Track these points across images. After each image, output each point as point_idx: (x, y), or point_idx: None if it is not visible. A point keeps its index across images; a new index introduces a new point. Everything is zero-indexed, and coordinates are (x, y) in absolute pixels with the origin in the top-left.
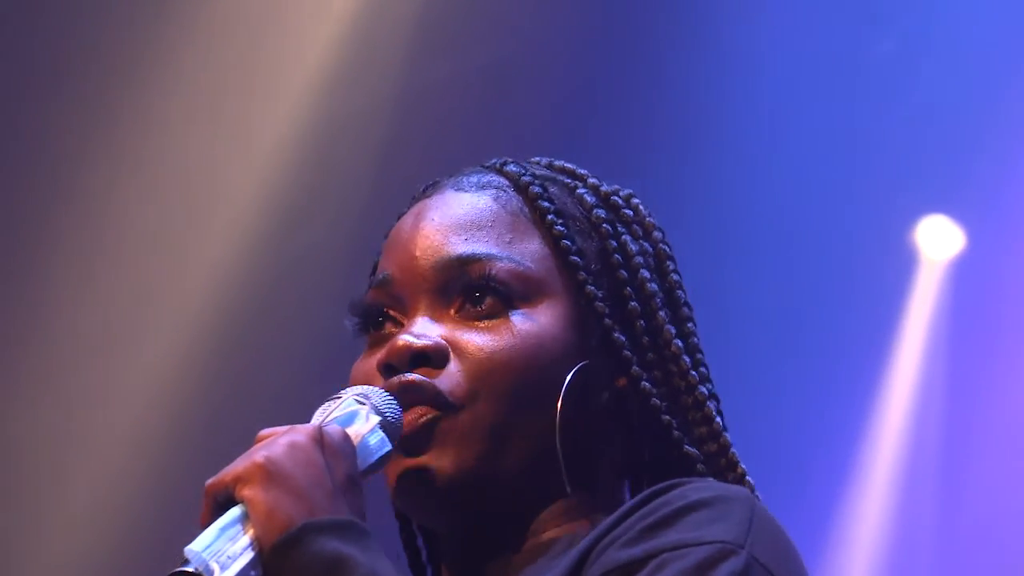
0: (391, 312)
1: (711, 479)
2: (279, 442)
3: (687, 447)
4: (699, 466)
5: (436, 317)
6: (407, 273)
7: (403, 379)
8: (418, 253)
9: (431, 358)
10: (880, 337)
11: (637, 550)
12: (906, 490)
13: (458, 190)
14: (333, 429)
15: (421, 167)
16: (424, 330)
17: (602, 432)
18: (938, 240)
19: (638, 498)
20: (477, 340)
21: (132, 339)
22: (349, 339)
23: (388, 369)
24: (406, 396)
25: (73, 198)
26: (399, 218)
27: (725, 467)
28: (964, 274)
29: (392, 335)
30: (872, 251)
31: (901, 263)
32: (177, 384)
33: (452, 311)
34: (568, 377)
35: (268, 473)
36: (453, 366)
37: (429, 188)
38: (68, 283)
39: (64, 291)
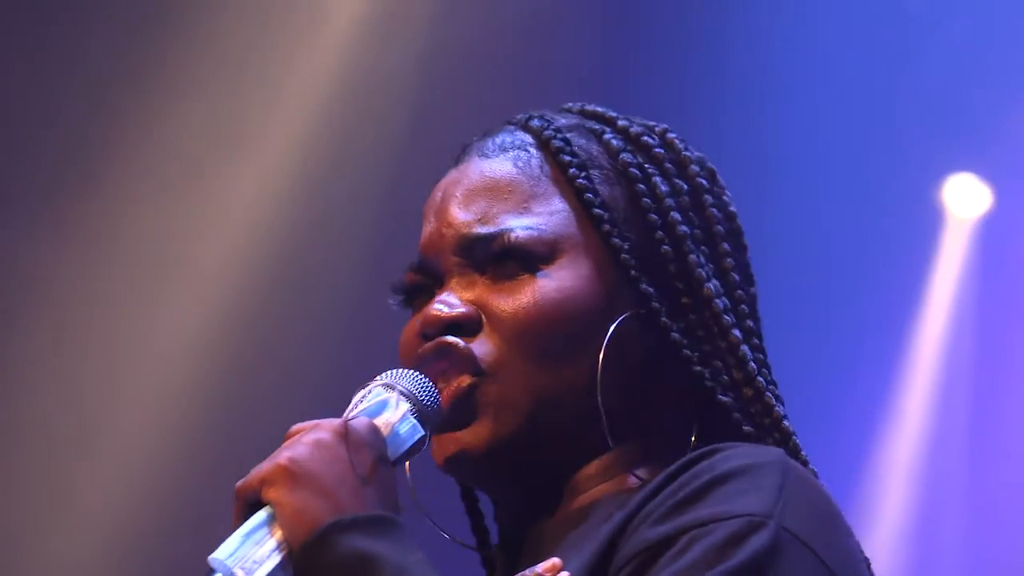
0: (429, 286)
1: (744, 444)
2: (303, 441)
3: (720, 396)
4: (735, 415)
5: (466, 286)
6: (435, 250)
7: (439, 340)
8: (444, 230)
9: (463, 326)
10: (907, 296)
11: (666, 528)
12: (934, 451)
13: (482, 156)
14: (359, 422)
15: (452, 124)
16: (454, 298)
17: (641, 386)
18: (965, 199)
19: (670, 470)
20: (506, 304)
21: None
22: (366, 328)
23: (425, 337)
24: (441, 358)
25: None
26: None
27: (761, 412)
28: (991, 233)
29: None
30: (899, 210)
31: (928, 222)
32: (189, 381)
33: (482, 277)
34: (610, 330)
35: (293, 474)
36: (485, 332)
37: (461, 154)
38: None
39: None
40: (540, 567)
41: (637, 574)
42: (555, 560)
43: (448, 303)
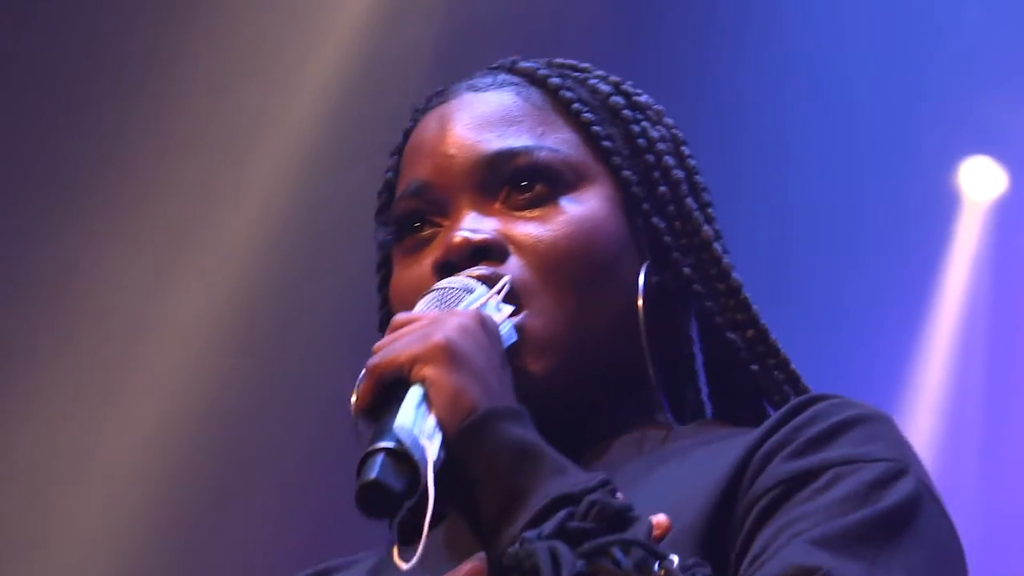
0: (434, 218)
1: (844, 396)
2: (449, 323)
3: (728, 334)
4: (741, 353)
5: (484, 212)
6: (444, 174)
7: (472, 273)
8: (454, 152)
9: (491, 251)
10: (922, 279)
11: (805, 462)
12: (949, 434)
13: (476, 91)
14: (488, 316)
15: None
16: (477, 224)
17: (658, 323)
18: (981, 181)
19: (782, 411)
20: (533, 231)
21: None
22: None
23: (446, 268)
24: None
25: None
26: (407, 133)
27: (765, 353)
28: (1007, 216)
29: (436, 237)
30: (915, 192)
31: (944, 205)
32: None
33: (497, 204)
34: (643, 269)
35: (451, 354)
36: (514, 260)
37: (439, 95)
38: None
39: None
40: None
41: (777, 504)
42: (662, 518)
43: (471, 228)
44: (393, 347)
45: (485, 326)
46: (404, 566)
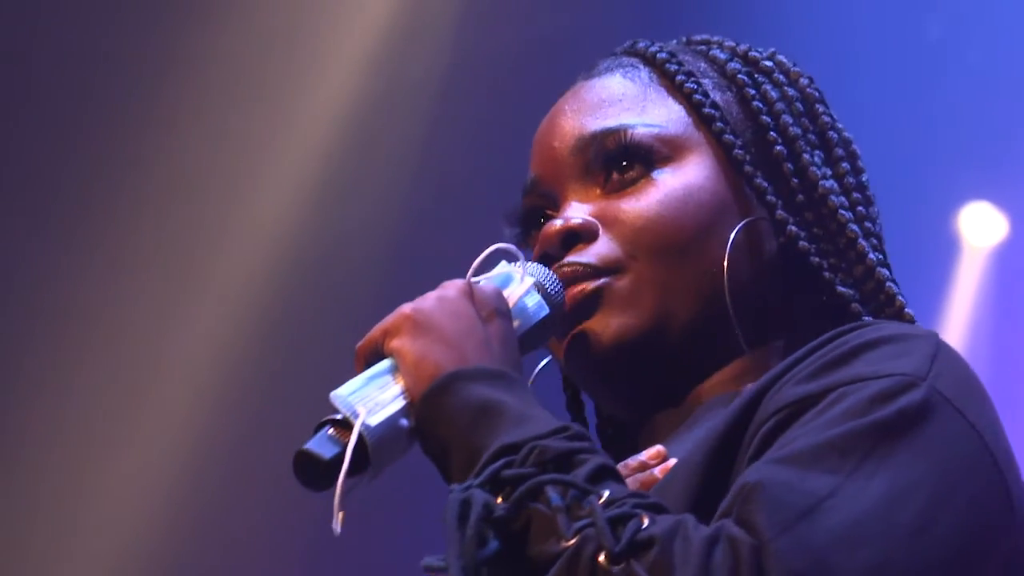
0: (547, 211)
1: (895, 322)
2: (429, 296)
3: (839, 287)
4: (854, 305)
5: (584, 199)
6: (550, 167)
7: (559, 267)
8: (556, 143)
9: (580, 235)
10: (923, 324)
11: (813, 385)
12: None
13: (587, 79)
14: (484, 285)
15: (469, 143)
16: (573, 212)
17: (767, 285)
18: (981, 227)
19: (816, 341)
20: (625, 207)
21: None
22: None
23: (545, 259)
24: (565, 281)
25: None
26: None
27: (884, 303)
28: (1007, 261)
29: None
30: (915, 238)
31: (944, 250)
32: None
33: (599, 190)
34: (733, 234)
35: (416, 323)
36: (604, 237)
37: (568, 90)
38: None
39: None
40: (644, 454)
41: (780, 428)
42: (659, 448)
43: (564, 216)
44: (376, 325)
45: (475, 294)
46: (338, 530)
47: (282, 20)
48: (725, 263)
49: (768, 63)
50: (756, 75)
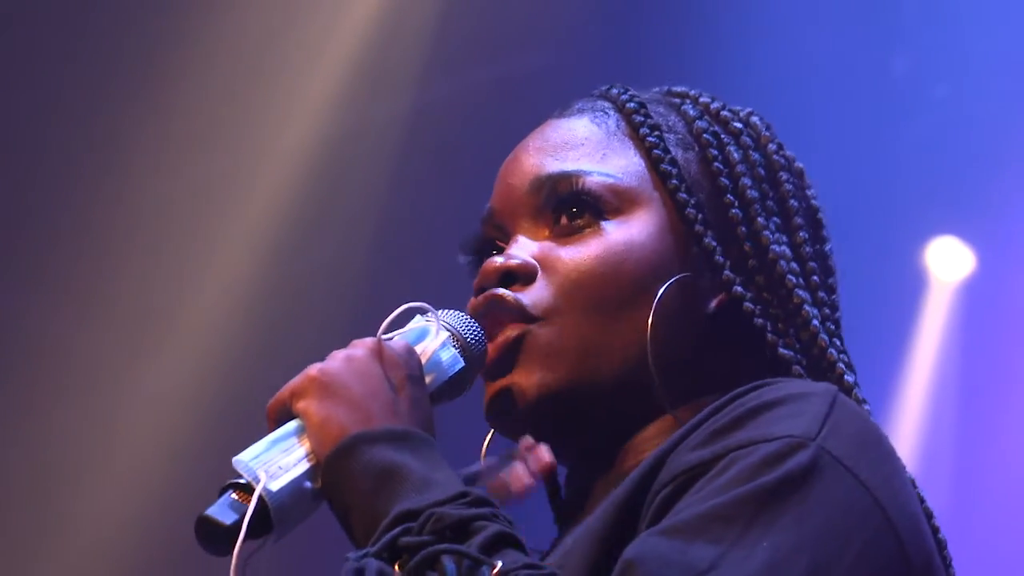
0: (498, 243)
1: (796, 379)
2: (337, 356)
3: (782, 350)
4: (795, 368)
5: (534, 237)
6: (506, 201)
7: (487, 293)
8: (514, 180)
9: (518, 276)
10: (890, 360)
11: (707, 452)
12: None
13: (559, 117)
14: (395, 342)
15: (434, 179)
16: (517, 251)
17: (703, 345)
18: (948, 262)
19: (717, 403)
20: (565, 254)
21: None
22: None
23: (480, 292)
24: (490, 310)
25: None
26: None
27: (826, 368)
28: (974, 296)
29: None
30: (882, 273)
31: (911, 285)
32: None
33: (547, 231)
34: (661, 289)
35: (322, 385)
36: (540, 282)
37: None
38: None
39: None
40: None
41: (676, 496)
42: (549, 460)
43: (507, 255)
44: (285, 385)
45: (382, 353)
46: None
47: (247, 63)
48: (650, 321)
49: (738, 124)
50: (723, 135)
